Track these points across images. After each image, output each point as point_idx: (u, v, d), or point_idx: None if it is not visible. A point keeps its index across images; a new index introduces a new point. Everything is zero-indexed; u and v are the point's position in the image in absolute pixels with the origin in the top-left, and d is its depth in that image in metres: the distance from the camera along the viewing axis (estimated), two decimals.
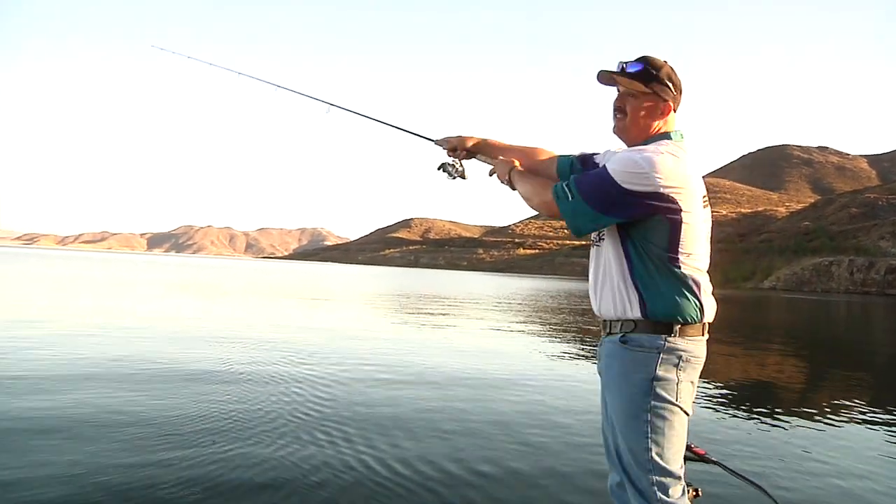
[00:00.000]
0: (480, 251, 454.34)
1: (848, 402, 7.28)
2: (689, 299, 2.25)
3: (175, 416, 5.01)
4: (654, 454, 2.15)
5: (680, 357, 2.21)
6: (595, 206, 2.21)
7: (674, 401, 2.19)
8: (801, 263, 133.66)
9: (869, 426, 6.05)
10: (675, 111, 2.38)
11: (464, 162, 2.91)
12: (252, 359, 7.93)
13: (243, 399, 5.72)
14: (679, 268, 2.25)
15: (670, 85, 2.33)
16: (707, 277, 2.33)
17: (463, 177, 2.91)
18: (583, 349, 11.36)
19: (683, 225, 2.24)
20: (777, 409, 6.67)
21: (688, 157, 2.26)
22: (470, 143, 2.89)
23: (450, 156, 2.93)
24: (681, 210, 2.21)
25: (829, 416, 6.43)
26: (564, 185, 2.27)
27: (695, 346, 2.26)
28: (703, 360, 2.30)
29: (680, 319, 2.23)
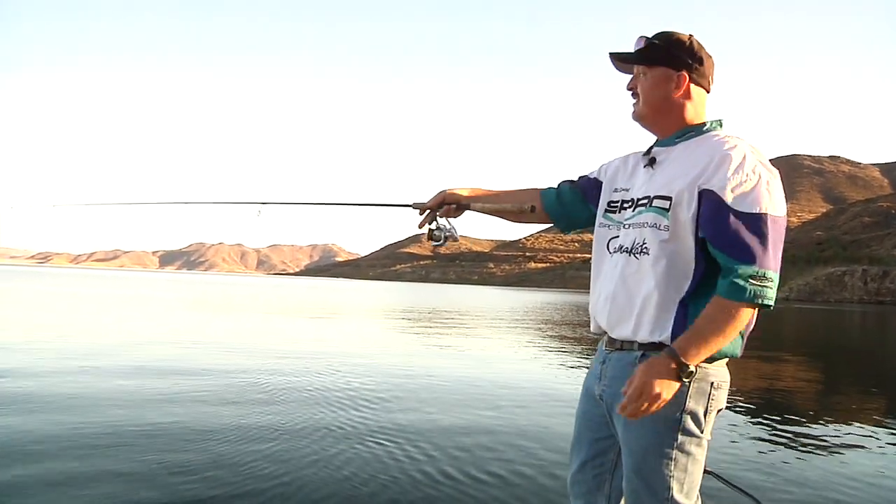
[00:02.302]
0: (491, 265, 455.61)
1: (859, 417, 7.11)
2: (739, 338, 1.93)
3: (224, 436, 4.98)
4: (674, 493, 1.90)
5: (711, 384, 1.93)
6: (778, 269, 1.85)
7: (700, 434, 1.92)
8: (813, 273, 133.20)
9: (879, 442, 5.88)
10: (704, 88, 2.08)
11: (451, 220, 2.48)
12: (289, 377, 7.90)
13: (288, 420, 5.64)
14: None
15: (681, 53, 2.03)
16: None
17: (455, 238, 2.48)
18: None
19: None
20: (784, 423, 6.61)
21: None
22: (463, 196, 2.46)
23: (438, 216, 2.47)
24: None
25: (838, 431, 6.34)
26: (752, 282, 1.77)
27: (724, 370, 1.99)
28: (729, 382, 2.01)
29: (717, 356, 1.92)
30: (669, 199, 1.92)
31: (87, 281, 58.74)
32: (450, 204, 2.44)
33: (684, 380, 1.84)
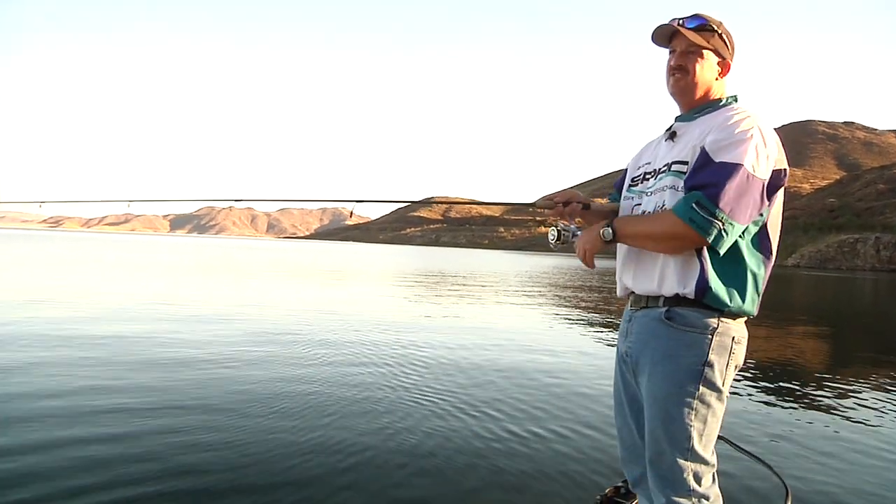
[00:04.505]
0: (501, 229, 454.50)
1: (870, 385, 7.11)
2: (755, 295, 2.07)
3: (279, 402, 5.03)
4: (694, 443, 2.00)
5: (732, 339, 2.03)
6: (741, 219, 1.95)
7: (720, 387, 2.03)
8: (825, 241, 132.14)
9: (888, 408, 5.89)
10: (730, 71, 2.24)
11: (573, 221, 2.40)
12: (335, 345, 8.00)
13: (337, 381, 5.78)
14: (768, 258, 2.09)
15: (728, 43, 2.20)
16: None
17: (577, 235, 2.30)
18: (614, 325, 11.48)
19: (774, 208, 2.09)
20: (794, 389, 6.66)
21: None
22: (583, 196, 2.44)
23: (557, 215, 2.41)
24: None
25: (848, 397, 6.33)
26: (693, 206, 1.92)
27: (743, 327, 2.09)
28: (747, 339, 2.11)
29: (736, 312, 2.04)
30: (686, 162, 2.05)
31: (105, 245, 59.08)
32: (577, 203, 2.41)
33: (602, 235, 2.11)
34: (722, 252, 1.96)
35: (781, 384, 6.81)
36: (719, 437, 2.21)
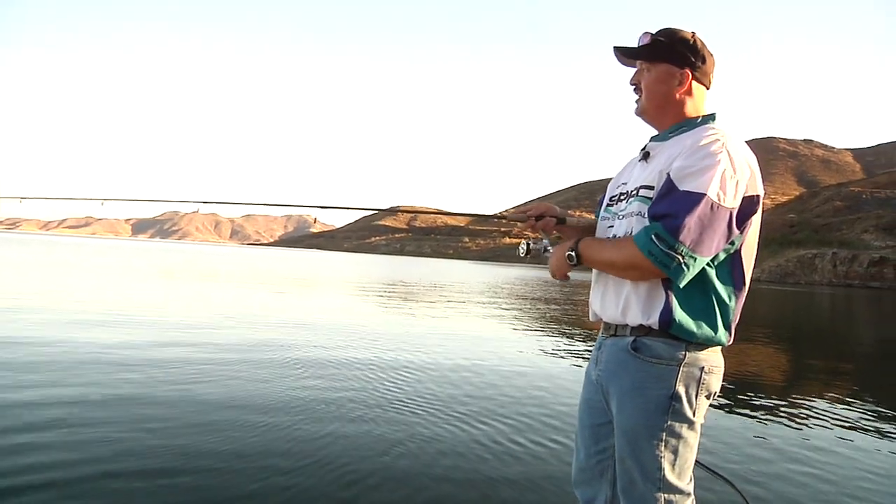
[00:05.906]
0: (466, 240, 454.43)
1: (827, 398, 7.26)
2: (726, 326, 2.02)
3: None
4: (665, 473, 1.96)
5: (702, 369, 1.98)
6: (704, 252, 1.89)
7: (691, 417, 1.98)
8: (785, 255, 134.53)
9: (846, 423, 6.07)
10: (704, 85, 2.14)
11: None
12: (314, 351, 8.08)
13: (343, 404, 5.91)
14: (739, 288, 2.04)
15: (685, 51, 2.08)
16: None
17: (548, 250, 2.30)
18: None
19: (749, 236, 2.03)
20: (753, 404, 6.75)
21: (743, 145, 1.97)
22: (559, 210, 2.38)
23: (529, 228, 2.34)
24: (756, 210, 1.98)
25: (806, 411, 6.50)
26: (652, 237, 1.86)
27: (716, 356, 2.04)
28: (723, 367, 2.07)
29: (705, 342, 1.99)
30: (653, 187, 1.98)
31: (70, 249, 57.91)
32: (550, 216, 2.34)
33: (567, 259, 2.10)
34: (682, 285, 1.91)
35: (740, 399, 6.93)
36: None
